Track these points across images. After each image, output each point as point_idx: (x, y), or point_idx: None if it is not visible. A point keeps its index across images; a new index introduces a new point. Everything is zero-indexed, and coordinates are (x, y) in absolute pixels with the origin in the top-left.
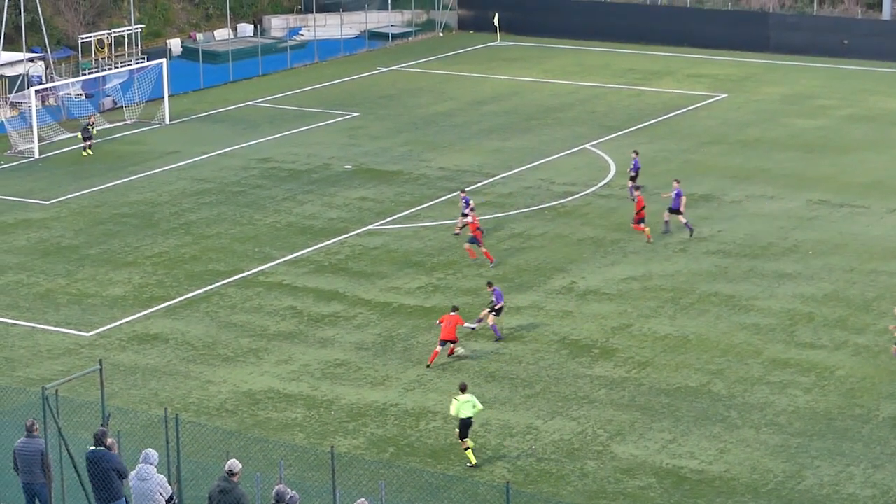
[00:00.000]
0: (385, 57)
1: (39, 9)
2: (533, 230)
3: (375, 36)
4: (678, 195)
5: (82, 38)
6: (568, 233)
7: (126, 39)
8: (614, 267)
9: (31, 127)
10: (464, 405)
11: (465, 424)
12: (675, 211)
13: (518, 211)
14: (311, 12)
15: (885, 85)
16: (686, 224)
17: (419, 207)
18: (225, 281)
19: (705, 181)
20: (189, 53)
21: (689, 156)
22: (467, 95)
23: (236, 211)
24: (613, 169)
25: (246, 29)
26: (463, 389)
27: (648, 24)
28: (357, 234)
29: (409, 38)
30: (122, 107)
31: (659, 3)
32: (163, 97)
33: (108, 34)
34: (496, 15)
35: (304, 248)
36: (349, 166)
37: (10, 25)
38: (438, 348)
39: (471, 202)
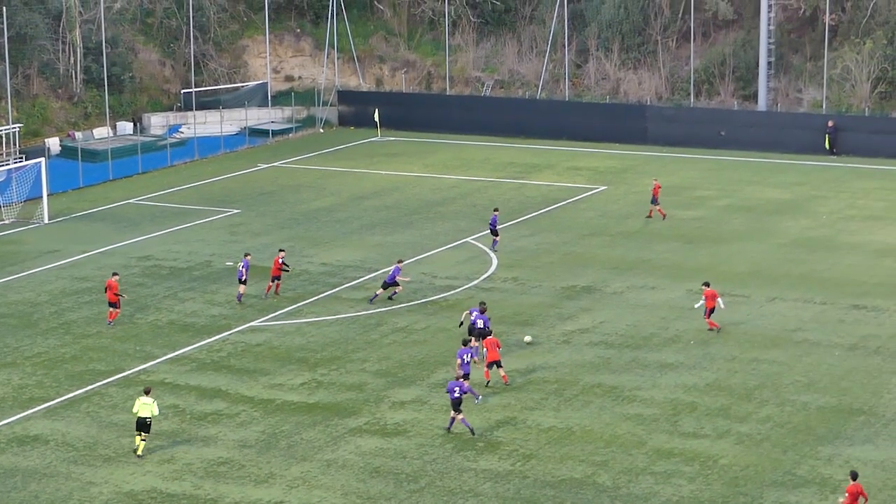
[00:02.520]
0: (265, 153)
1: None
2: (416, 324)
3: (256, 133)
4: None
5: None
6: (451, 326)
7: (3, 139)
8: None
9: None
10: (144, 406)
11: (140, 423)
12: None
13: (401, 305)
14: (191, 110)
15: (761, 175)
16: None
17: (302, 303)
18: (106, 380)
19: (587, 273)
20: (68, 152)
21: (571, 248)
22: (348, 191)
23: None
24: (495, 262)
25: (125, 127)
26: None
27: (528, 118)
28: (239, 332)
29: (290, 135)
30: None
31: (538, 98)
32: (42, 196)
33: None
34: (376, 111)
35: (185, 345)
36: (230, 263)
37: None
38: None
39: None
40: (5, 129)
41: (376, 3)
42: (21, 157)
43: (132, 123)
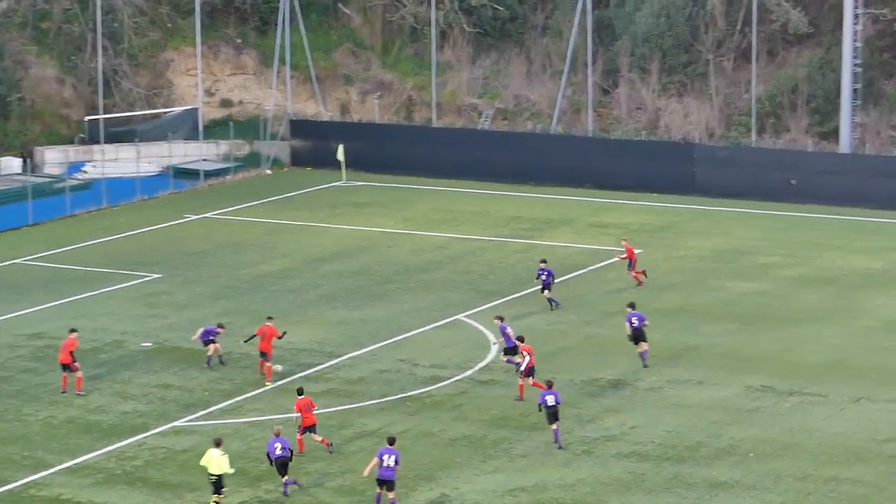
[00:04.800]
0: (195, 201)
1: None
2: (391, 427)
3: (182, 174)
4: (504, 330)
5: None
6: (437, 430)
7: None
8: (497, 474)
9: None
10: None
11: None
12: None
13: (371, 402)
14: (98, 142)
15: (843, 237)
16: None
17: (241, 397)
18: None
19: (615, 362)
20: None
21: (594, 329)
22: (304, 251)
23: None
24: (495, 347)
25: (12, 164)
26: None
27: (539, 159)
28: (159, 433)
29: (227, 177)
30: None
31: (552, 132)
32: None
33: None
34: (340, 147)
35: (89, 451)
36: (148, 344)
37: None
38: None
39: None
40: None
41: (340, 5)
42: None
43: (21, 159)
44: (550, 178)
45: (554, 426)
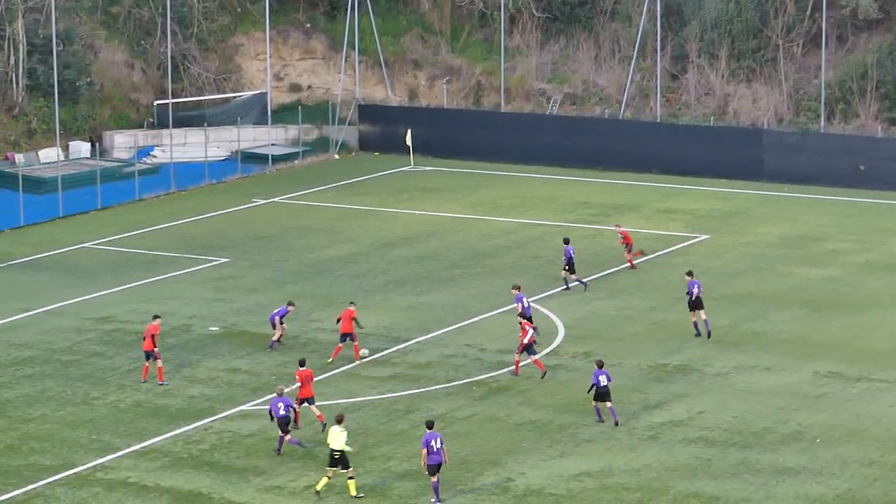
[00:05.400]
0: (263, 186)
1: None
2: (457, 412)
3: (251, 158)
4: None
5: None
6: (503, 415)
7: None
8: (563, 459)
9: None
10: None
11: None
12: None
13: (437, 387)
14: (167, 127)
15: None
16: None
17: None
18: (52, 478)
19: (682, 348)
20: (5, 180)
21: (661, 315)
22: (371, 236)
23: (67, 387)
24: (562, 332)
25: (81, 148)
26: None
27: (607, 145)
28: (226, 417)
29: (296, 162)
30: None
31: (621, 118)
32: None
33: None
34: (408, 132)
35: (155, 434)
36: (216, 328)
37: None
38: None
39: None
40: None
41: None
42: None
43: (90, 144)
44: (618, 164)
45: (609, 404)
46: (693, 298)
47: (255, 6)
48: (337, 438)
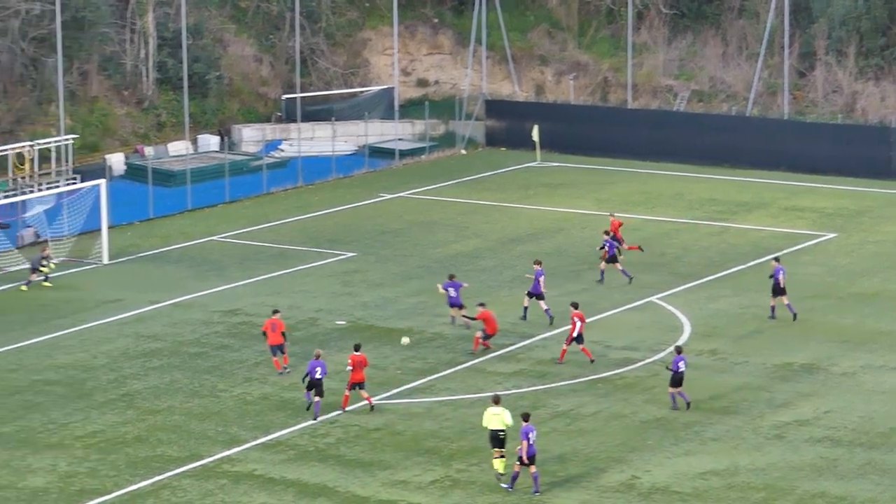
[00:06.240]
0: (390, 180)
1: None
2: (582, 408)
3: (378, 153)
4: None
5: None
6: (628, 412)
7: (53, 153)
8: (689, 457)
9: None
10: (493, 418)
11: (493, 437)
12: (534, 295)
13: (562, 383)
14: (295, 121)
15: None
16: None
17: (433, 377)
18: (178, 470)
19: (808, 347)
20: (135, 172)
21: (786, 312)
22: (497, 232)
23: (194, 378)
24: (688, 329)
25: (209, 142)
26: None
27: (734, 142)
28: (352, 411)
29: (422, 156)
30: (46, 241)
31: (748, 115)
32: (100, 229)
33: (30, 146)
34: (535, 127)
35: (282, 427)
36: (342, 322)
37: None
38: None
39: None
40: (55, 142)
41: None
42: (75, 179)
43: (218, 137)
44: (745, 161)
45: (679, 389)
46: (777, 284)
47: (383, 1)
48: (494, 419)
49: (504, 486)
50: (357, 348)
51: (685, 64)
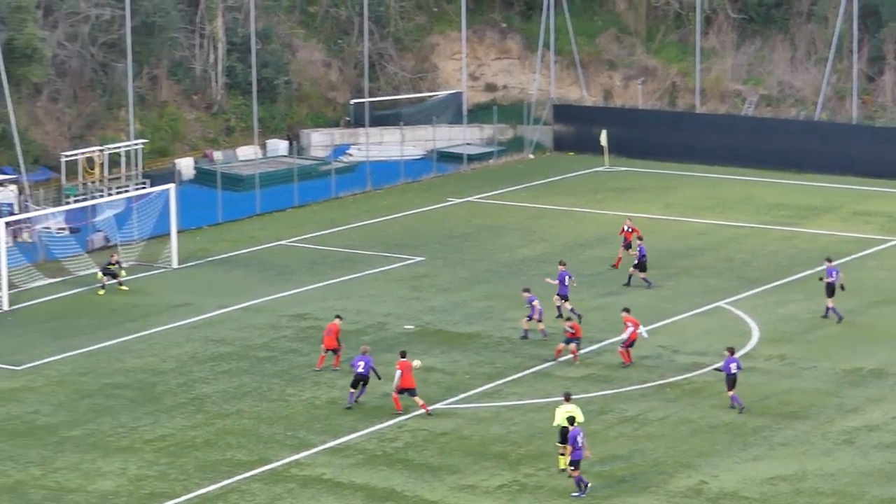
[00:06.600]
0: (458, 185)
1: (12, 118)
2: (650, 413)
3: (446, 157)
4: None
5: (66, 156)
6: (696, 417)
7: (123, 158)
8: (757, 463)
9: None
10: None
11: (564, 433)
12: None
13: (631, 388)
14: (363, 126)
15: None
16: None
17: (501, 381)
18: (247, 474)
19: (877, 352)
20: (204, 177)
21: (856, 318)
22: (565, 236)
23: (263, 383)
24: (756, 334)
25: (278, 146)
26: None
27: (803, 146)
28: (420, 415)
29: (490, 161)
30: (115, 245)
31: (816, 119)
32: (170, 234)
33: (101, 151)
34: (603, 132)
35: (350, 431)
36: (410, 326)
37: None
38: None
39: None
40: (125, 147)
41: None
42: (144, 183)
43: (287, 142)
44: (814, 166)
45: (732, 392)
46: (830, 285)
47: (452, 6)
48: (566, 414)
49: (574, 494)
50: (403, 354)
51: (753, 68)
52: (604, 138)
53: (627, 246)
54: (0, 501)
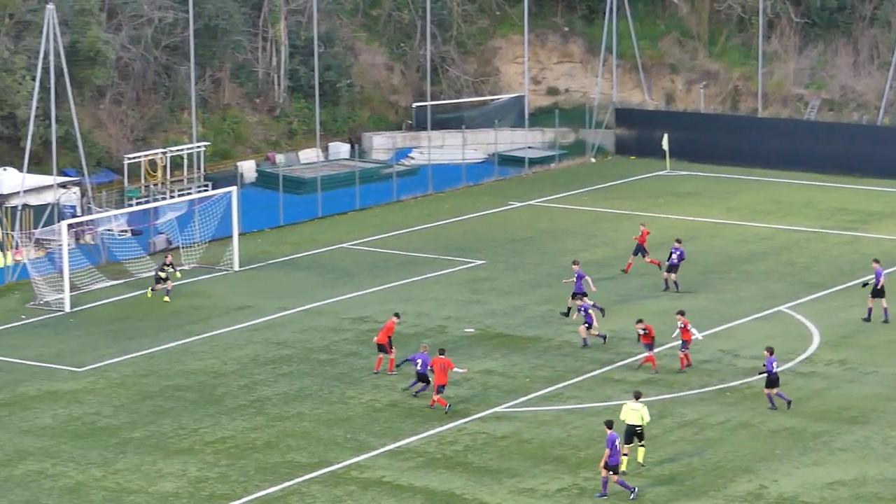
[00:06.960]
0: (519, 188)
1: (75, 120)
2: (710, 417)
3: (507, 161)
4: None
5: (129, 159)
6: (757, 422)
7: (185, 161)
8: (817, 467)
9: (60, 272)
10: (632, 413)
11: (629, 432)
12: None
13: (691, 392)
14: (425, 129)
15: None
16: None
17: (561, 385)
18: (307, 476)
19: None
20: (266, 180)
21: (883, 315)
22: (626, 240)
23: (323, 385)
24: (817, 339)
25: (340, 149)
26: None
27: (865, 151)
28: (480, 419)
29: (552, 165)
30: (178, 247)
31: (879, 124)
32: (231, 236)
33: (163, 153)
34: (665, 136)
35: (410, 434)
36: (471, 329)
37: (38, 141)
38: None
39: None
40: (187, 149)
41: None
42: (206, 186)
43: (349, 145)
44: (876, 171)
45: (775, 391)
46: (878, 286)
47: (514, 9)
48: (633, 414)
49: (630, 493)
50: (441, 352)
51: (816, 73)
52: (665, 142)
53: (637, 251)
54: (61, 503)
